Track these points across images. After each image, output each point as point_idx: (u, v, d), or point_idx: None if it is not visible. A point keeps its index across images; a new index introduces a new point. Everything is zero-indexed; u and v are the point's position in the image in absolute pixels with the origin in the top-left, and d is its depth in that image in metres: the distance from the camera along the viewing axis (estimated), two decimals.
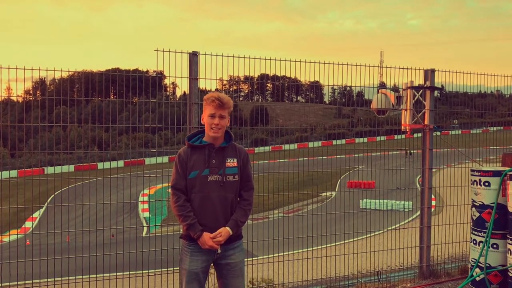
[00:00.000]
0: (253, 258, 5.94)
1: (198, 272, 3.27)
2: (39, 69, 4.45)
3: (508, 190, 5.10)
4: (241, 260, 3.38)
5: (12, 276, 4.61)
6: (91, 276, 5.21)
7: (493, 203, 5.28)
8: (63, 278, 4.86)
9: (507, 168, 5.34)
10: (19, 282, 4.74)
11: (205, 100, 3.29)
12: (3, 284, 4.66)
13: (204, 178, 3.22)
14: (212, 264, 3.38)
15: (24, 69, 4.38)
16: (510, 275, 5.08)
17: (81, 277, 5.05)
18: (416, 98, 6.02)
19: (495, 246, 5.32)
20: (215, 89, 5.72)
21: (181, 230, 3.41)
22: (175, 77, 4.85)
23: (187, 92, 4.98)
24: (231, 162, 3.29)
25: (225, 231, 3.21)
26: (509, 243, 5.10)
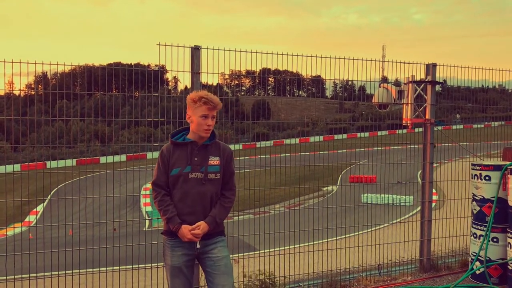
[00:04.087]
0: (255, 252, 5.97)
1: (181, 266, 3.29)
2: (42, 63, 4.46)
3: (509, 184, 5.12)
4: (224, 256, 3.33)
5: (16, 269, 4.65)
6: (94, 269, 5.25)
7: (494, 197, 5.30)
8: (66, 272, 4.91)
9: (507, 162, 5.36)
10: (23, 275, 4.78)
11: (194, 101, 3.25)
12: (7, 277, 4.71)
13: (186, 175, 3.24)
14: (199, 263, 3.39)
15: (28, 63, 4.40)
16: (510, 268, 5.11)
17: (84, 270, 5.09)
18: (417, 92, 6.03)
19: (495, 239, 5.35)
20: (217, 84, 5.73)
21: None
22: (177, 71, 4.85)
23: (189, 86, 4.99)
24: (214, 160, 3.29)
25: (203, 225, 3.22)
26: (509, 237, 5.13)
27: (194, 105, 3.26)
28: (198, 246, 3.28)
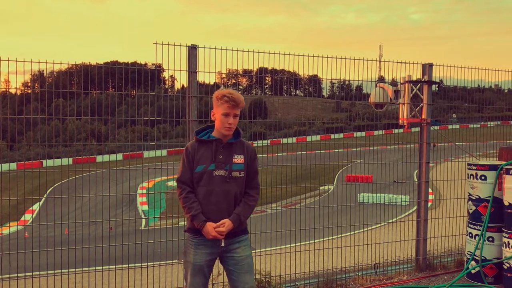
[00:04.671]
0: (251, 251, 5.95)
1: (203, 265, 3.30)
2: (39, 62, 4.45)
3: (504, 184, 5.14)
4: (247, 255, 3.38)
5: (11, 268, 4.64)
6: (90, 268, 5.24)
7: (489, 196, 5.32)
8: (62, 270, 4.89)
9: (503, 162, 5.38)
10: (19, 274, 4.76)
11: (217, 98, 3.27)
12: (3, 276, 4.69)
13: (210, 172, 3.25)
14: (220, 261, 3.41)
15: (24, 61, 4.38)
16: (505, 268, 5.13)
17: (80, 269, 5.08)
18: (414, 92, 6.04)
19: (490, 239, 5.37)
20: (214, 83, 5.72)
21: (184, 223, 3.43)
22: (174, 70, 4.85)
23: (185, 85, 4.99)
24: (238, 158, 3.31)
25: (228, 223, 3.24)
26: (505, 236, 5.15)
27: (217, 102, 3.27)
28: (222, 244, 3.29)
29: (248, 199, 3.36)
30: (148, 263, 5.49)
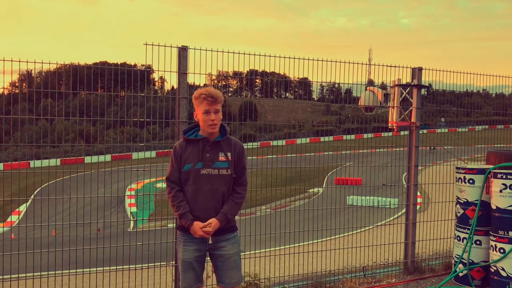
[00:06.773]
0: (240, 253, 5.93)
1: (192, 261, 3.35)
2: (27, 61, 4.40)
3: (492, 188, 5.19)
4: (235, 252, 3.43)
5: None
6: (77, 270, 5.19)
7: (477, 200, 5.36)
8: (49, 272, 4.84)
9: (491, 166, 5.42)
10: (4, 276, 4.70)
11: (195, 98, 3.31)
12: None
13: (197, 171, 3.28)
14: (209, 256, 3.45)
15: (12, 61, 4.33)
16: (492, 271, 5.17)
17: (67, 271, 5.03)
18: (403, 96, 6.08)
19: (478, 242, 5.41)
20: (204, 84, 5.70)
21: (173, 225, 3.44)
22: (164, 71, 4.83)
23: (175, 86, 4.96)
24: (225, 156, 3.33)
25: (215, 222, 3.27)
26: (492, 240, 5.19)
27: (196, 102, 3.31)
28: (210, 241, 3.36)
29: (235, 196, 3.38)
30: (137, 265, 5.45)
